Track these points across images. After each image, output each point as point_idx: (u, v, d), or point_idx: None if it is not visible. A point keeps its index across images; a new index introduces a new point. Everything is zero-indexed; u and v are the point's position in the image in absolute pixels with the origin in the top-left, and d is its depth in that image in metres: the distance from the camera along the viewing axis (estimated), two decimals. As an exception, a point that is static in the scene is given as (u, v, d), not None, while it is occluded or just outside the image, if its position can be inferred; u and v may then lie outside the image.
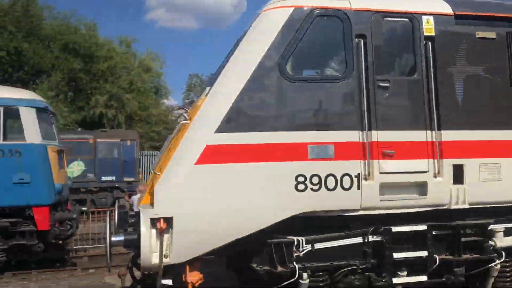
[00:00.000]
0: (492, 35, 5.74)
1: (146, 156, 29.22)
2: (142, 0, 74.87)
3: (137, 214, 5.36)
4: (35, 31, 29.70)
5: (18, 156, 10.06)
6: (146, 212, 5.02)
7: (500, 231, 5.66)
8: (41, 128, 10.52)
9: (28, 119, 10.32)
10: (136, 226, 5.24)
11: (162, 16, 76.54)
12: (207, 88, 5.53)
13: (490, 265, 5.66)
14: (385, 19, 5.49)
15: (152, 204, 5.16)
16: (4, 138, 10.21)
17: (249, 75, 5.11)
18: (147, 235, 4.95)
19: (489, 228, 5.66)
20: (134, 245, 5.23)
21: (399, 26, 5.62)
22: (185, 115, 5.65)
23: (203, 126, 5.12)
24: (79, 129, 27.32)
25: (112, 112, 31.22)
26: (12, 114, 10.40)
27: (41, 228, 10.29)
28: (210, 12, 78.65)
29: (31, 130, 10.28)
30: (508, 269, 5.85)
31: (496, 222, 5.70)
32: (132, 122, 34.07)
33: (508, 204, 5.70)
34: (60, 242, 11.70)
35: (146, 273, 5.72)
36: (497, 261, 5.64)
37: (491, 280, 5.82)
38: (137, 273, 6.07)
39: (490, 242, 5.64)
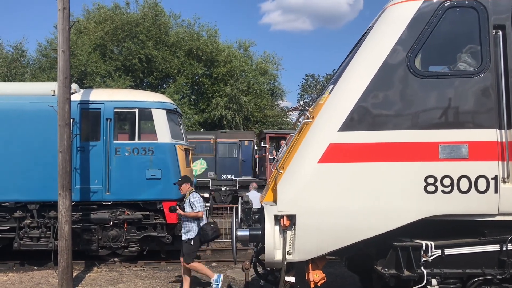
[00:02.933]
0: None
1: (262, 156, 30.03)
2: (258, 5, 76.90)
3: (261, 211, 5.51)
4: (163, 39, 32.03)
5: (150, 154, 10.94)
6: (269, 209, 5.14)
7: None
8: (171, 128, 11.31)
9: (160, 120, 11.17)
10: (260, 222, 5.39)
11: (278, 19, 77.84)
12: (330, 86, 5.50)
13: None
14: (529, 6, 4.99)
15: (275, 201, 5.26)
16: (139, 138, 11.19)
17: (375, 71, 4.98)
18: (271, 232, 5.06)
19: None
20: (258, 240, 5.38)
21: (546, 13, 5.07)
22: (307, 113, 5.68)
23: (326, 124, 5.09)
24: (201, 130, 28.92)
25: (231, 114, 32.45)
26: (145, 115, 11.34)
27: (170, 222, 11.08)
28: (325, 12, 78.23)
29: (162, 130, 11.10)
30: None
31: None
32: (249, 123, 35.16)
33: None
34: (186, 235, 12.45)
35: (269, 269, 5.88)
36: None
37: None
38: (260, 269, 6.25)
39: None
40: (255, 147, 24.75)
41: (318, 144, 5.05)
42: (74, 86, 11.07)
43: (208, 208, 13.22)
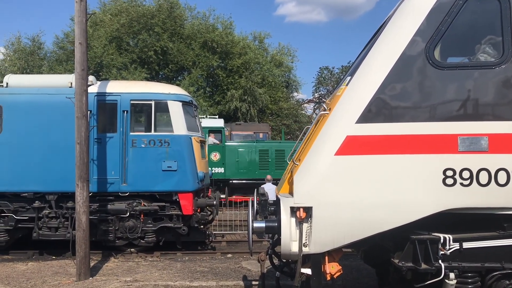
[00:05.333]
0: None
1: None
2: (273, -4, 76.52)
3: (276, 202, 5.51)
4: (178, 31, 32.09)
5: (166, 146, 11.02)
6: (286, 201, 5.12)
7: None
8: (187, 120, 11.36)
9: (176, 112, 11.22)
10: (276, 214, 5.38)
11: (293, 10, 77.44)
12: (348, 78, 5.44)
13: None
14: (552, -5, 4.87)
15: (291, 193, 5.25)
16: (155, 130, 11.25)
17: (393, 63, 4.90)
18: (287, 224, 5.05)
19: None
20: (274, 232, 5.38)
21: None
22: (324, 105, 5.64)
23: (344, 116, 5.04)
24: (216, 122, 28.92)
25: (246, 106, 32.46)
26: (161, 107, 11.39)
27: (185, 213, 11.15)
28: (340, 3, 77.55)
29: (178, 122, 11.16)
30: None
31: None
32: (263, 115, 35.13)
33: None
34: (201, 226, 12.55)
35: (284, 260, 5.88)
36: None
37: None
38: (275, 261, 6.26)
39: None
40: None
41: (335, 136, 5.01)
42: (91, 78, 11.17)
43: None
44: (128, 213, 11.07)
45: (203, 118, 22.18)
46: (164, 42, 30.30)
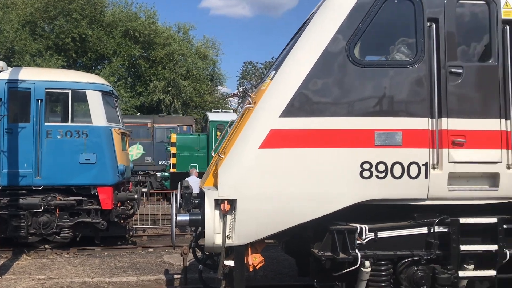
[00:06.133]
0: None
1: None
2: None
3: (201, 195, 5.47)
4: (98, 18, 30.78)
5: (84, 138, 10.56)
6: (210, 194, 5.10)
7: None
8: (106, 111, 10.94)
9: (95, 102, 10.78)
10: (200, 207, 5.35)
11: (217, 4, 77.21)
12: (272, 72, 5.52)
13: None
14: (459, 1, 5.23)
15: (215, 186, 5.24)
16: (72, 120, 10.74)
17: (316, 59, 5.04)
18: (211, 216, 5.05)
19: None
20: (198, 225, 5.35)
21: (474, 9, 5.34)
22: (249, 99, 5.68)
23: (268, 110, 5.11)
24: (138, 114, 28.22)
25: (169, 98, 31.95)
26: (79, 97, 10.89)
27: (104, 207, 10.77)
28: (265, -1, 78.37)
29: (97, 113, 10.72)
30: None
31: None
32: (188, 108, 34.77)
33: None
34: (122, 221, 12.19)
35: (208, 253, 5.87)
36: None
37: None
38: (198, 254, 6.23)
39: None
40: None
41: (259, 129, 5.07)
42: (2, 64, 10.42)
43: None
44: (42, 208, 10.48)
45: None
46: (83, 29, 28.93)
